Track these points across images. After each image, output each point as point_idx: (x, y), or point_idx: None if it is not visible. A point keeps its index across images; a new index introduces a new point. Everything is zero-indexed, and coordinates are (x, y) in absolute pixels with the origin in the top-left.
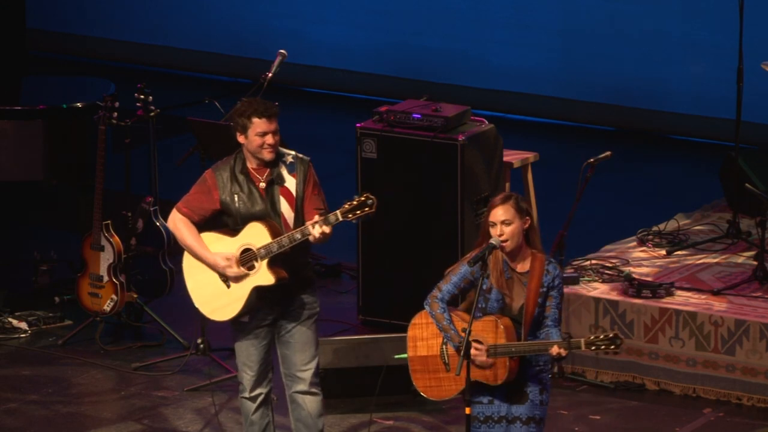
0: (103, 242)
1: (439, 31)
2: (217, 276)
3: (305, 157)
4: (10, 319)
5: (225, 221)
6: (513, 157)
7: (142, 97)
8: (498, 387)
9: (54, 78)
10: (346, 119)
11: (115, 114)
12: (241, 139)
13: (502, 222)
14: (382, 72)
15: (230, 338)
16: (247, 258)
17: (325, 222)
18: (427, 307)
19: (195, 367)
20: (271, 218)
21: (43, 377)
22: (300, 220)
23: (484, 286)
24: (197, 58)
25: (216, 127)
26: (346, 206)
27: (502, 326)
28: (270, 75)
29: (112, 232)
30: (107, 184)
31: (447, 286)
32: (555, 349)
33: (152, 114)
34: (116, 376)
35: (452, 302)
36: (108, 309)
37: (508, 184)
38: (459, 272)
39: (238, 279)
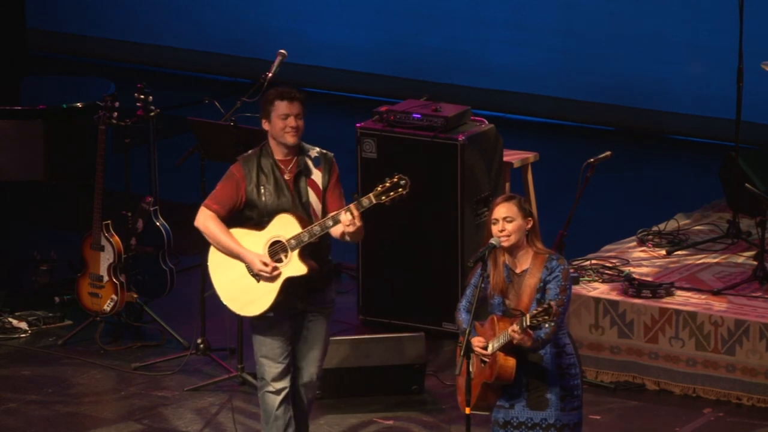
0: (103, 242)
1: (439, 31)
2: (246, 271)
3: (329, 153)
4: (10, 319)
5: (248, 215)
6: (513, 157)
7: (142, 97)
8: (519, 392)
9: (54, 78)
10: (346, 119)
11: (115, 114)
12: (265, 125)
13: (504, 218)
14: (382, 72)
15: (230, 338)
16: (275, 250)
17: (358, 206)
18: (456, 320)
19: (195, 367)
20: (297, 210)
21: (43, 377)
22: (326, 212)
23: (486, 288)
24: (197, 58)
25: (216, 127)
26: (378, 189)
27: (498, 323)
28: (270, 75)
29: (112, 232)
30: (107, 184)
31: (465, 294)
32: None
33: (152, 114)
34: (116, 376)
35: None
36: (108, 309)
37: (508, 184)
38: (471, 281)
39: (270, 279)
